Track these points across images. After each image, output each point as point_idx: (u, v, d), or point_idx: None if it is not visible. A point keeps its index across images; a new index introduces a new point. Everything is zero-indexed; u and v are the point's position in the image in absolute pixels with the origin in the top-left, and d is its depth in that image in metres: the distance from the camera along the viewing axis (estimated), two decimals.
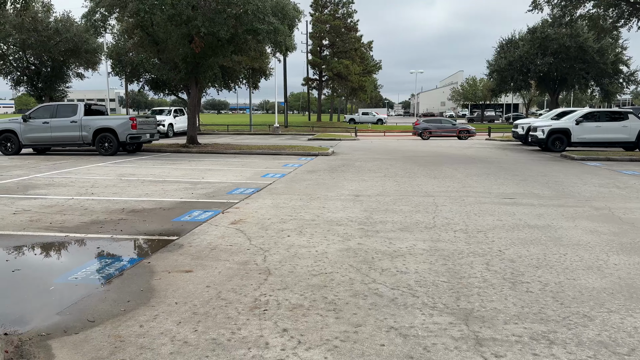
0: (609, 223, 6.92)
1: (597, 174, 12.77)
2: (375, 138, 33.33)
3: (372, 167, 14.17)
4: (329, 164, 15.02)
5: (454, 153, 19.76)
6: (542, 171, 13.42)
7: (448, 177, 12.05)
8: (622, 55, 42.26)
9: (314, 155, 18.23)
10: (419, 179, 11.71)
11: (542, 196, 9.26)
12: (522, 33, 47.26)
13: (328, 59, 52.47)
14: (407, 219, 7.19)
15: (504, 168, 14.14)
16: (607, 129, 20.17)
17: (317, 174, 12.51)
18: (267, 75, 37.39)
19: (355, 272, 4.75)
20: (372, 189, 10.13)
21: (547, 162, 16.33)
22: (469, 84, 71.06)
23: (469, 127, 33.67)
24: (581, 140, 20.39)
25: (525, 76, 46.59)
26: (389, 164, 15.27)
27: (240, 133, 36.48)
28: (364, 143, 26.66)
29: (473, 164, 15.37)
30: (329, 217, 7.30)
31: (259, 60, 24.56)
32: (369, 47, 55.29)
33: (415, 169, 13.84)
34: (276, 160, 16.15)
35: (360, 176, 12.17)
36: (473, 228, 6.60)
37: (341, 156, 18.06)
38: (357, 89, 56.37)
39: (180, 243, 5.88)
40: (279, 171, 13.16)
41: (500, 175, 12.48)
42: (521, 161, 16.45)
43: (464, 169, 13.88)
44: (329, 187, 10.28)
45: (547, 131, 20.67)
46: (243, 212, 7.68)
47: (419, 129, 33.35)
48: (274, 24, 16.90)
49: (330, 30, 51.33)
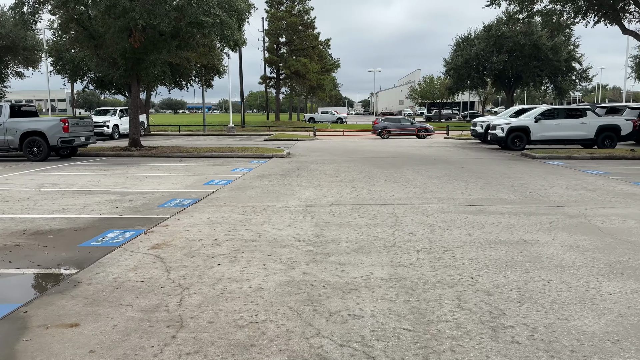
0: (589, 235, 6.14)
1: (562, 175, 12.22)
2: (334, 138, 32.45)
3: (328, 171, 13.17)
4: (283, 168, 13.92)
5: (414, 153, 19.04)
6: (505, 172, 12.78)
7: (409, 181, 11.18)
8: (575, 53, 43.06)
9: (267, 157, 17.07)
10: (378, 183, 10.77)
11: (510, 202, 8.48)
12: (478, 31, 47.56)
13: (285, 56, 51.26)
14: (364, 235, 6.18)
15: (466, 169, 13.44)
16: (565, 126, 19.97)
17: (268, 180, 11.38)
18: (221, 74, 35.87)
19: (295, 320, 3.68)
20: (327, 196, 9.10)
21: (509, 161, 15.80)
22: (426, 82, 71.39)
23: (427, 126, 33.32)
24: (540, 138, 20.11)
25: (482, 74, 46.87)
26: (346, 166, 14.31)
27: (193, 134, 34.79)
28: (322, 143, 25.69)
29: (434, 165, 14.62)
30: (272, 235, 6.21)
31: (208, 57, 23.14)
32: (326, 45, 54.41)
33: (374, 171, 12.93)
34: (225, 164, 14.90)
35: (314, 181, 11.13)
36: (438, 246, 5.66)
37: (297, 158, 16.99)
38: (315, 88, 55.42)
39: (78, 279, 4.65)
40: (226, 177, 11.95)
41: (463, 177, 11.72)
42: (482, 161, 15.86)
43: (425, 171, 13.08)
44: (278, 196, 9.18)
45: (507, 129, 20.29)
46: (171, 231, 6.48)
47: (378, 128, 32.71)
48: (220, 16, 15.62)
49: (286, 27, 50.12)
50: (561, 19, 20.61)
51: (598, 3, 18.12)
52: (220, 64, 34.21)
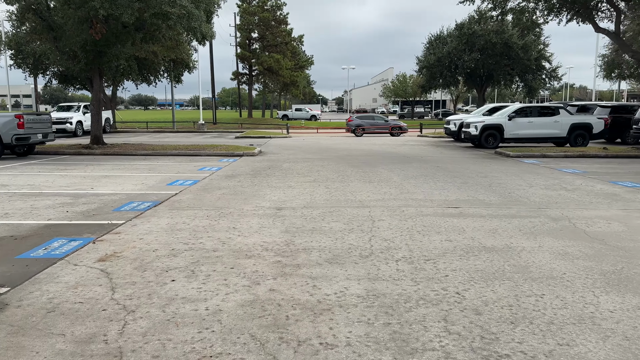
0: (576, 240, 5.78)
1: (538, 174, 11.98)
2: (308, 135, 31.91)
3: (301, 170, 12.62)
4: (253, 167, 13.30)
5: (388, 151, 18.67)
6: (481, 171, 12.48)
7: (384, 180, 10.73)
8: (545, 52, 43.63)
9: (237, 155, 16.40)
10: (352, 183, 10.29)
11: (490, 203, 8.12)
12: (451, 29, 47.74)
13: (258, 52, 50.39)
14: (338, 242, 5.67)
15: (442, 168, 13.10)
16: (539, 124, 19.93)
17: (237, 180, 10.76)
18: (191, 69, 34.79)
19: (257, 352, 3.13)
20: (299, 198, 8.56)
21: (484, 160, 15.56)
22: (399, 80, 71.57)
23: (401, 124, 33.14)
24: (514, 136, 20.03)
25: (454, 72, 47.09)
26: (320, 165, 13.79)
27: (161, 131, 33.68)
28: (295, 141, 25.11)
29: (409, 163, 14.24)
30: (237, 244, 5.63)
31: (176, 51, 22.24)
32: (300, 41, 53.76)
33: (348, 171, 12.45)
34: (192, 163, 14.17)
35: (286, 181, 10.57)
36: (419, 254, 5.20)
37: (269, 156, 16.37)
38: (289, 84, 54.73)
39: (6, 300, 3.98)
40: (192, 177, 11.27)
41: (439, 177, 11.35)
42: (457, 160, 15.58)
43: (401, 170, 12.67)
44: (247, 198, 8.59)
45: (480, 127, 20.13)
46: (123, 240, 5.82)
47: (352, 126, 32.34)
48: (186, 7, 14.85)
49: (259, 23, 49.24)
50: (534, 17, 20.55)
51: (571, 1, 18.09)
52: (189, 59, 33.17)
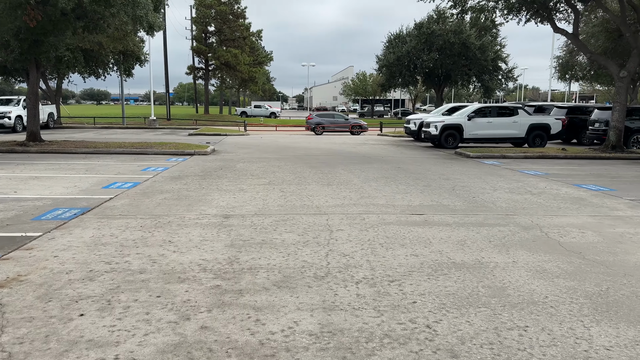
0: (553, 254, 5.27)
1: (501, 176, 11.64)
2: (266, 133, 30.99)
3: (256, 171, 11.80)
4: (204, 167, 12.36)
5: (348, 151, 18.07)
6: (443, 173, 12.03)
7: (344, 183, 10.07)
8: (501, 53, 44.35)
9: (188, 154, 15.37)
10: (310, 186, 9.57)
11: (455, 209, 7.58)
12: (410, 29, 47.84)
13: (215, 47, 48.88)
14: (291, 259, 4.93)
15: (403, 169, 12.58)
16: (498, 124, 19.85)
17: (183, 182, 9.83)
18: (143, 62, 33.11)
19: None
20: (250, 204, 7.76)
21: (444, 161, 15.20)
22: (359, 79, 71.48)
23: (361, 123, 32.71)
24: (473, 137, 19.87)
25: (413, 72, 47.23)
26: (277, 165, 13.00)
27: (110, 127, 31.88)
28: (252, 139, 24.18)
29: (370, 164, 13.67)
30: (170, 262, 4.80)
31: (124, 42, 20.85)
32: (258, 36, 52.59)
33: (306, 172, 11.72)
34: (136, 163, 13.07)
35: (238, 184, 9.73)
36: (382, 274, 4.53)
37: (222, 155, 15.43)
38: (247, 80, 53.43)
39: None
40: (133, 178, 10.24)
41: (401, 179, 10.80)
42: (418, 160, 15.14)
43: (361, 171, 12.06)
44: (191, 203, 7.71)
45: (440, 127, 19.86)
46: (34, 258, 4.87)
47: (312, 124, 31.65)
48: None
49: (215, 16, 47.73)
50: (493, 16, 20.45)
51: (530, 0, 18.01)
52: (140, 51, 31.54)
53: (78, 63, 28.01)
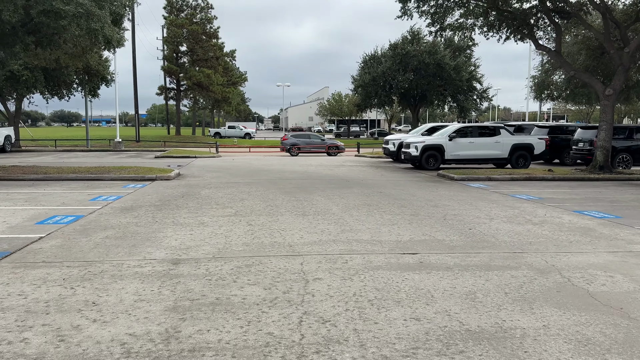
0: (588, 312, 4.14)
1: (493, 201, 10.63)
2: (239, 155, 29.69)
3: (222, 199, 10.51)
4: (163, 195, 11.00)
5: (325, 174, 16.92)
6: (429, 198, 10.97)
7: (322, 212, 8.87)
8: (476, 73, 44.32)
9: (149, 180, 13.97)
10: (283, 217, 8.33)
11: (452, 245, 6.45)
12: (385, 49, 47.64)
13: (187, 67, 47.61)
14: (250, 331, 3.67)
15: (386, 195, 11.47)
16: (480, 145, 19.07)
17: (134, 214, 8.47)
18: (109, 82, 31.62)
19: None
20: (209, 242, 6.48)
21: (428, 184, 14.18)
22: (335, 99, 71.00)
23: (338, 143, 31.73)
24: (455, 157, 19.02)
25: (388, 92, 46.86)
26: (246, 191, 11.74)
27: (72, 149, 30.03)
28: (223, 161, 22.84)
29: (349, 189, 12.52)
30: (84, 341, 3.47)
31: (83, 59, 19.37)
32: (232, 56, 51.58)
33: (279, 199, 10.49)
34: (88, 190, 11.62)
35: (199, 216, 8.43)
36: (376, 355, 3.30)
37: (187, 180, 14.08)
38: (220, 101, 52.19)
39: None
40: (77, 210, 8.83)
41: (385, 206, 9.67)
42: (401, 184, 14.09)
43: (340, 197, 10.89)
44: (136, 244, 6.38)
45: (421, 148, 18.96)
46: None
47: (287, 145, 30.52)
48: (84, 5, 12.42)
49: (187, 36, 46.59)
50: (472, 34, 19.86)
51: (511, 17, 17.46)
52: (105, 71, 30.05)
53: (38, 83, 26.47)
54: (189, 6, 47.01)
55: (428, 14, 19.61)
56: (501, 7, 17.68)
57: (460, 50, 45.37)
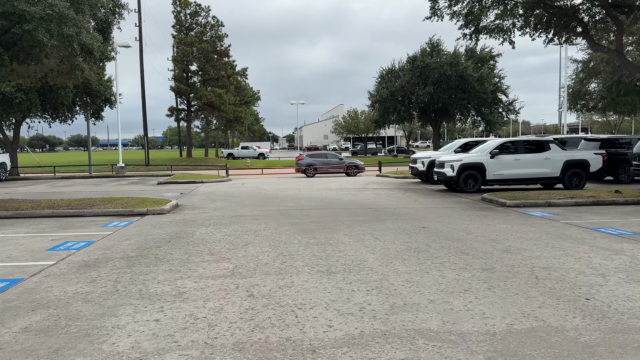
0: None
1: (578, 240, 7.95)
2: (251, 177, 27.35)
3: (219, 244, 8.05)
4: (146, 239, 8.58)
5: (348, 200, 14.39)
6: (491, 237, 8.36)
7: (354, 266, 6.33)
8: (501, 85, 41.67)
9: (138, 215, 11.60)
10: (300, 277, 5.82)
11: (585, 344, 3.86)
12: (403, 62, 45.41)
13: (197, 86, 45.86)
14: None
15: (432, 231, 8.89)
16: (527, 162, 16.39)
17: (92, 276, 6.04)
18: (113, 103, 29.72)
19: None
20: (180, 341, 3.99)
21: (477, 213, 11.56)
22: (351, 116, 68.73)
23: (357, 162, 29.24)
24: (498, 177, 16.35)
25: (408, 107, 44.46)
26: (253, 230, 9.27)
27: (72, 177, 27.98)
28: (232, 186, 20.49)
29: (381, 222, 9.97)
30: None
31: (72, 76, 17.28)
32: (243, 75, 49.78)
33: (294, 242, 7.99)
34: (57, 233, 9.27)
35: (181, 278, 5.97)
36: None
37: (183, 214, 11.69)
38: (232, 121, 50.27)
39: None
40: (16, 271, 6.42)
41: (439, 253, 7.09)
42: (442, 212, 11.49)
43: (374, 237, 8.33)
44: (60, 348, 3.91)
45: (458, 167, 16.34)
46: None
47: (303, 165, 28.13)
48: (56, 6, 10.26)
49: (198, 55, 44.93)
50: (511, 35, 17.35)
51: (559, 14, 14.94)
52: (107, 91, 28.15)
53: (33, 106, 24.55)
54: (198, 24, 45.47)
55: (460, 15, 17.25)
56: (548, 2, 15.18)
57: (483, 61, 42.88)
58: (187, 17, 45.70)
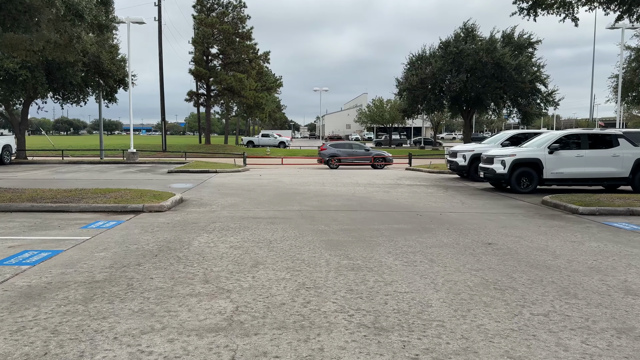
0: None
1: None
2: (270, 167, 25.35)
3: (219, 264, 6.00)
4: (127, 250, 6.59)
5: (381, 199, 12.21)
6: (589, 264, 6.12)
7: (411, 315, 4.18)
8: (540, 74, 38.63)
9: (132, 211, 9.66)
10: (332, 339, 3.70)
11: None
12: (434, 48, 42.66)
13: (218, 70, 43.94)
14: None
15: (505, 252, 6.67)
16: (591, 159, 13.96)
17: (28, 318, 4.04)
18: (127, 85, 27.98)
19: None
20: None
21: (548, 222, 9.27)
22: (376, 105, 66.00)
23: (385, 154, 26.97)
24: (557, 177, 13.99)
25: (438, 95, 41.79)
26: (267, 240, 7.21)
27: (80, 162, 26.35)
28: (248, 177, 18.49)
29: (432, 235, 7.78)
30: None
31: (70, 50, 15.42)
32: (266, 59, 47.63)
33: (320, 264, 5.88)
34: (21, 236, 7.34)
35: (149, 332, 3.92)
36: None
37: (186, 213, 9.71)
38: (253, 107, 48.32)
39: None
40: None
41: (533, 293, 4.89)
42: (507, 222, 9.24)
43: (428, 260, 6.16)
44: None
45: (510, 163, 14.01)
46: None
47: (326, 156, 26.01)
48: None
49: (218, 37, 42.94)
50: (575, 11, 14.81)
51: None
52: (120, 71, 26.36)
53: (39, 85, 22.90)
54: (220, 4, 43.40)
55: None
56: None
57: (521, 48, 39.81)
58: None
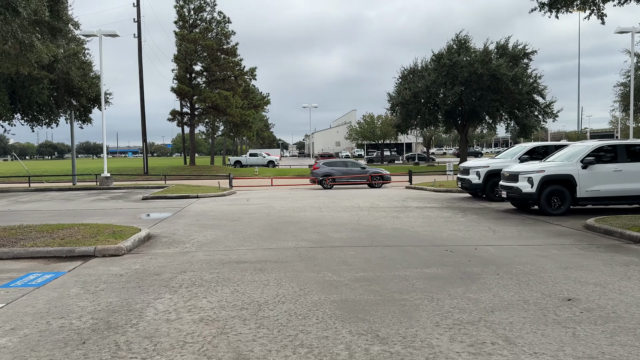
0: None
1: None
2: (259, 189, 23.15)
3: (183, 349, 3.79)
4: (43, 333, 4.34)
5: (394, 228, 10.05)
6: None
7: None
8: (537, 85, 37.18)
9: (78, 257, 7.40)
10: None
11: None
12: (427, 61, 41.13)
13: (202, 87, 41.88)
14: None
15: (602, 318, 4.56)
16: (630, 174, 12.06)
17: None
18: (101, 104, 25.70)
19: None
20: None
21: (615, 258, 7.20)
22: (366, 121, 64.31)
23: (382, 172, 24.94)
24: (593, 195, 12.03)
25: (432, 109, 40.16)
26: (255, 303, 5.02)
27: (47, 189, 23.79)
28: (234, 203, 16.28)
29: (483, 286, 5.65)
30: None
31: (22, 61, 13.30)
32: (252, 75, 45.68)
33: (338, 352, 3.70)
34: None
35: None
36: None
37: (149, 257, 7.48)
38: (239, 125, 46.21)
39: None
40: None
41: None
42: (566, 261, 7.14)
43: (505, 341, 4.01)
44: None
45: (539, 180, 12.01)
46: None
47: (319, 175, 23.91)
48: None
49: (202, 53, 40.98)
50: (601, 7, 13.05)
51: None
52: (91, 89, 24.11)
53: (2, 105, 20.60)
54: (203, 20, 41.54)
55: None
56: None
57: (516, 59, 38.40)
58: (190, 13, 41.82)
